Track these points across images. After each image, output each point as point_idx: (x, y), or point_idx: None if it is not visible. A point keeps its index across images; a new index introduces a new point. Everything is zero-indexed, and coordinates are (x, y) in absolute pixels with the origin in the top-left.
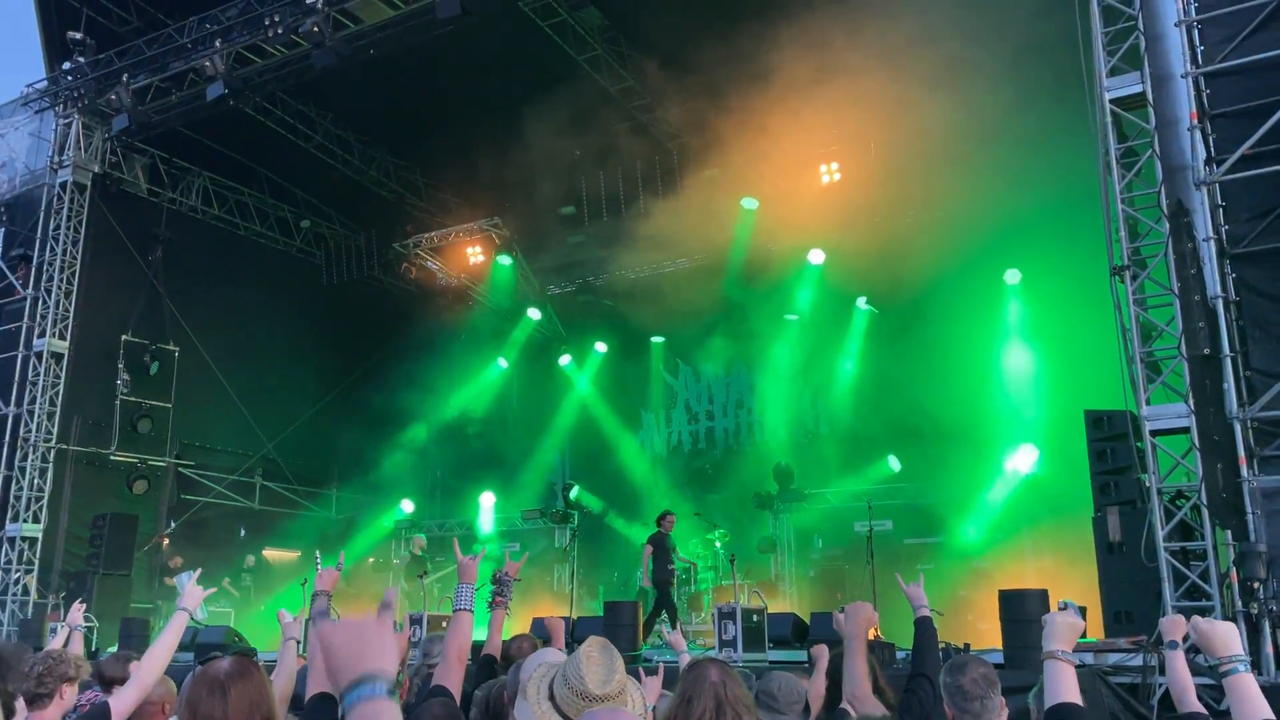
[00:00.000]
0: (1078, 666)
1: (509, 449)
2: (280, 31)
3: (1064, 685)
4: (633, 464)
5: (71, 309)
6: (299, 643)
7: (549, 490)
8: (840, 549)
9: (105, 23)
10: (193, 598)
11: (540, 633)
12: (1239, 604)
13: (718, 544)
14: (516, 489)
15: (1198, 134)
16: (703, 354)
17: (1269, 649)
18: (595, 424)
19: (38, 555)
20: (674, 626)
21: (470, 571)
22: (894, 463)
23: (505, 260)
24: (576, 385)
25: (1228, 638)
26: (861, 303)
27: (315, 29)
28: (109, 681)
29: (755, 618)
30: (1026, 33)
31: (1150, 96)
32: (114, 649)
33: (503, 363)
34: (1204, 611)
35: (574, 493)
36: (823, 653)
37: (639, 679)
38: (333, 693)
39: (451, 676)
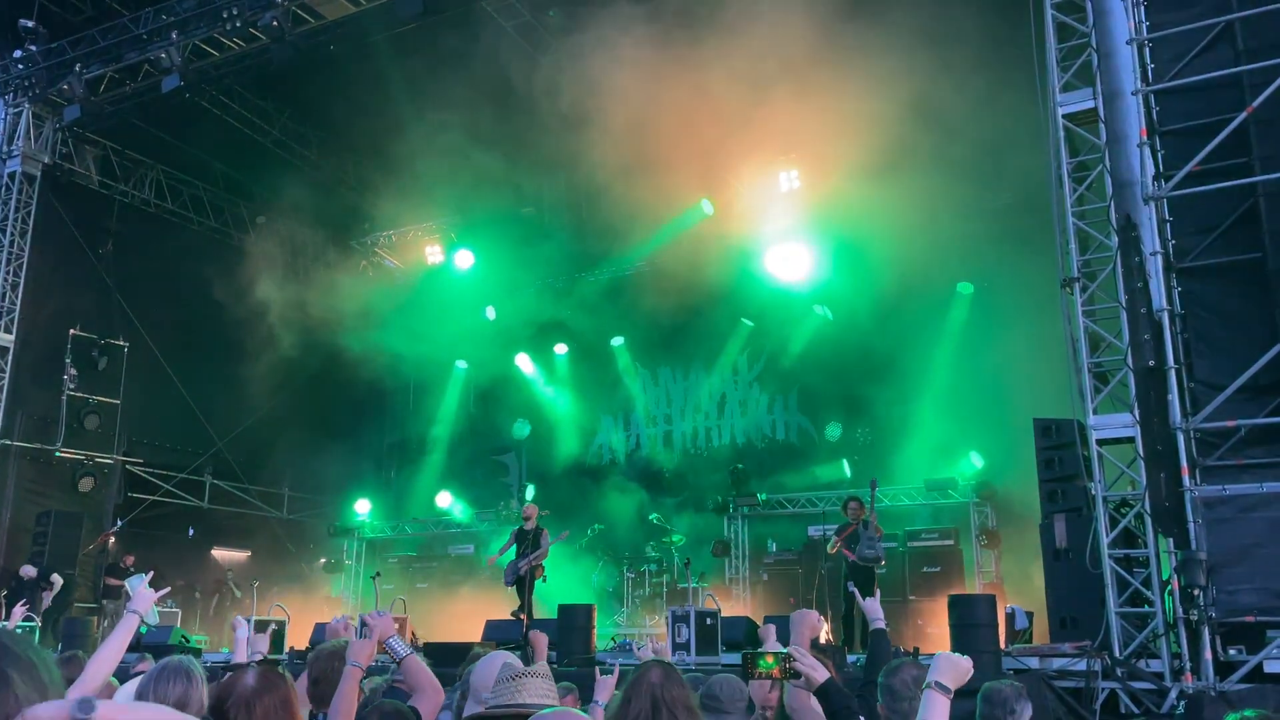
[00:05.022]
0: (1023, 671)
1: (465, 449)
2: (238, 25)
3: (934, 712)
4: (591, 466)
5: (18, 302)
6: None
7: (505, 491)
8: (794, 553)
9: (58, 11)
10: (144, 601)
11: (493, 635)
12: (1180, 610)
13: (673, 547)
14: (472, 489)
15: (1147, 150)
16: (661, 358)
17: (1208, 655)
18: (553, 426)
19: None
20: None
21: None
22: (847, 468)
23: (464, 259)
24: (535, 387)
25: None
26: (818, 309)
27: (274, 23)
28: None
29: (709, 621)
30: (982, 48)
31: (1102, 112)
32: (57, 649)
33: (461, 364)
34: (1146, 617)
35: (530, 493)
36: (769, 634)
37: (594, 679)
38: None
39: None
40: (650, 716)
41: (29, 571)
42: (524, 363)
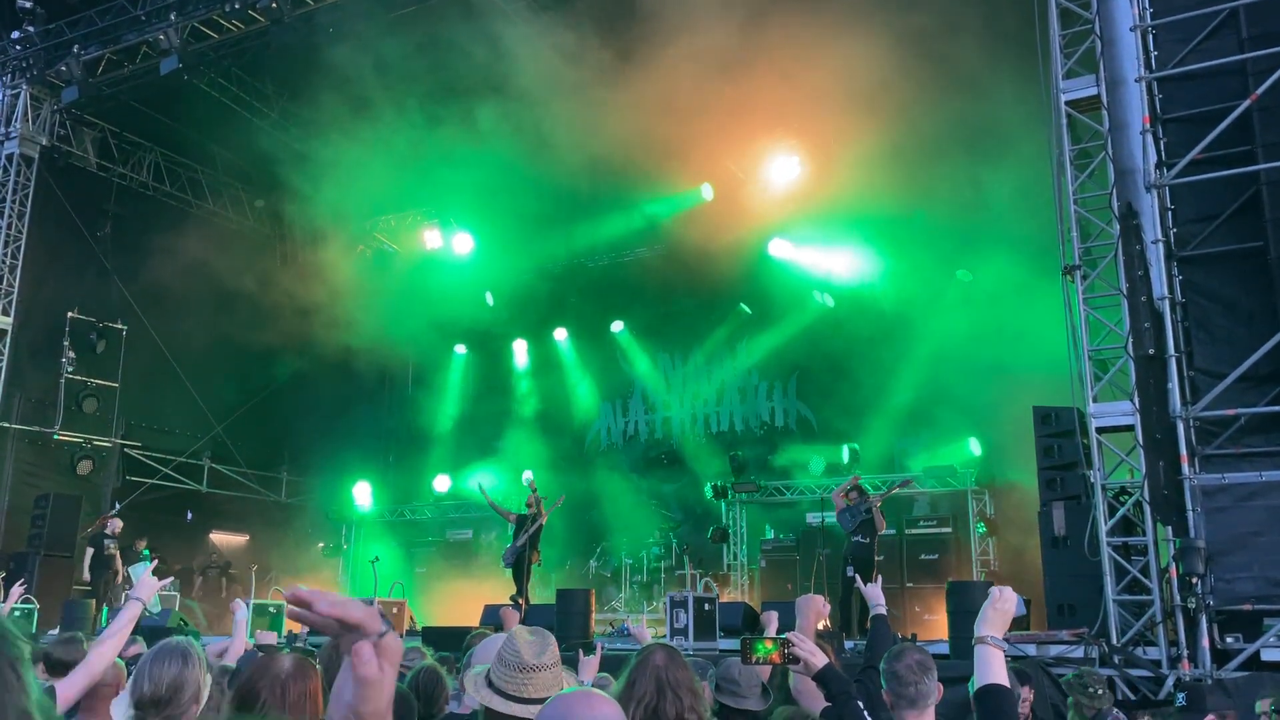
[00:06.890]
0: (1020, 657)
1: (463, 435)
2: (237, 7)
3: (992, 668)
4: (589, 452)
5: (16, 284)
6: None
7: (504, 478)
8: (792, 540)
9: None
10: (147, 588)
11: (492, 620)
12: (1177, 598)
13: (671, 533)
14: (471, 474)
15: (1149, 138)
16: (661, 343)
17: (1205, 642)
18: (551, 411)
19: None
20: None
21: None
22: (846, 454)
23: (462, 244)
24: (533, 372)
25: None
26: (819, 296)
27: (273, 5)
28: (56, 664)
29: (707, 606)
30: (986, 33)
31: (1104, 99)
32: (54, 631)
33: (460, 349)
34: (1144, 605)
35: (529, 480)
36: (771, 619)
37: (577, 659)
38: None
39: None
40: (655, 698)
41: (115, 525)
42: (523, 348)
